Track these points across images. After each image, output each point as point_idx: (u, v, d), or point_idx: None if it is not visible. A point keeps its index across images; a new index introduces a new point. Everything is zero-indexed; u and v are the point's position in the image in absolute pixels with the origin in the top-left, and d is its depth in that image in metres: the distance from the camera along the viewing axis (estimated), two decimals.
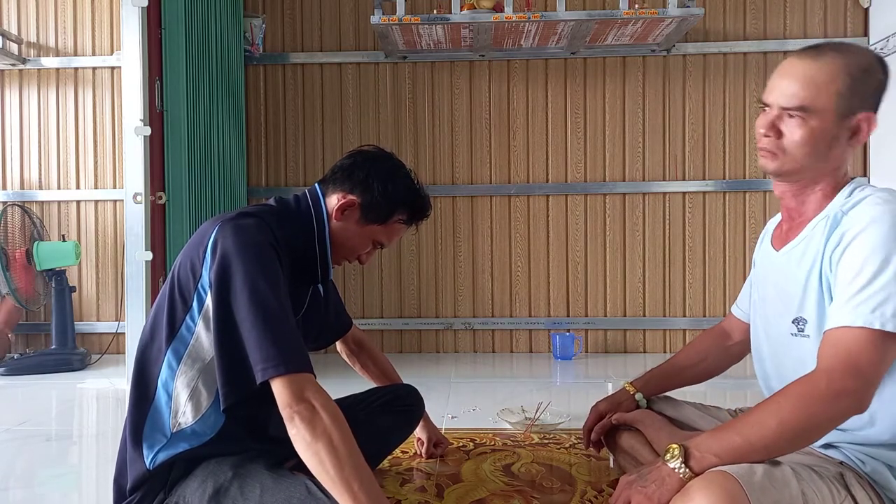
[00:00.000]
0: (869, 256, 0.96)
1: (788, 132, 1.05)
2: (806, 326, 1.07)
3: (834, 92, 1.02)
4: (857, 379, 0.92)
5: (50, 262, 2.96)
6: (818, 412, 0.92)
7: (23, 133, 3.33)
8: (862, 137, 1.06)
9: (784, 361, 1.13)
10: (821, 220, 1.07)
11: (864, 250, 0.97)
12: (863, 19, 3.10)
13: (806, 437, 0.95)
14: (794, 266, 1.09)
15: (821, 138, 1.04)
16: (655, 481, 0.97)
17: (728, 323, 1.45)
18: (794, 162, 1.06)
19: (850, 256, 0.98)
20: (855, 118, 1.04)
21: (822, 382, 0.93)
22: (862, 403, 0.93)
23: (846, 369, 0.93)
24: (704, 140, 3.16)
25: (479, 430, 1.96)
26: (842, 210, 1.03)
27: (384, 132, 3.25)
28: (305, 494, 1.01)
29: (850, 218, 1.01)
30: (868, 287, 0.95)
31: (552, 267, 3.22)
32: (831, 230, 1.03)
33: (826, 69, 1.03)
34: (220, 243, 1.08)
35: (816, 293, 1.04)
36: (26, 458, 1.83)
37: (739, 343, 1.42)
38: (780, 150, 1.07)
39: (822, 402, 0.92)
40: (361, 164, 1.29)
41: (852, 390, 0.92)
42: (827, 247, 1.03)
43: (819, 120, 1.03)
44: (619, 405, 1.42)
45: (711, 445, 0.96)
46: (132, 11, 2.46)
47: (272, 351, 1.00)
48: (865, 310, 0.94)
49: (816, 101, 1.02)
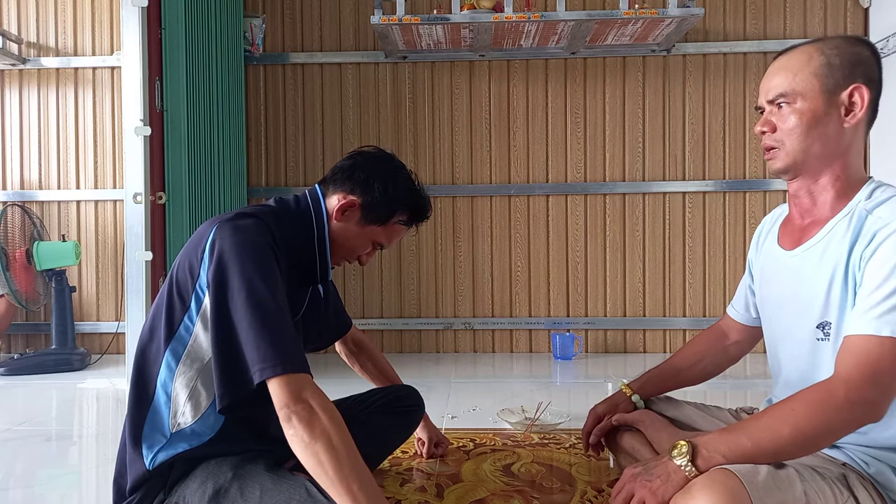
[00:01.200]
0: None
1: (780, 122, 1.08)
2: (831, 331, 1.04)
3: (811, 73, 1.05)
4: (875, 389, 0.91)
5: (50, 262, 2.96)
6: (834, 420, 0.91)
7: (23, 133, 3.33)
8: (858, 112, 1.04)
9: (809, 367, 1.10)
10: (842, 218, 1.04)
11: (893, 256, 0.94)
12: (863, 19, 3.10)
13: (817, 443, 0.94)
14: (814, 267, 1.07)
15: (811, 119, 1.05)
16: (660, 476, 0.96)
17: (724, 323, 1.45)
18: (793, 149, 1.07)
19: (878, 259, 0.96)
20: (844, 92, 1.04)
21: (841, 391, 0.92)
22: (878, 413, 0.92)
23: (866, 378, 0.91)
24: (704, 140, 3.16)
25: (479, 430, 1.96)
26: (865, 209, 1.01)
27: (384, 132, 3.25)
28: (305, 496, 1.01)
29: (878, 217, 0.99)
30: (894, 296, 0.93)
31: (552, 267, 3.22)
32: (857, 229, 1.01)
33: (798, 56, 1.07)
34: (217, 243, 1.08)
35: (840, 295, 1.02)
36: (26, 458, 1.83)
37: (736, 343, 1.42)
38: (777, 141, 1.09)
39: (838, 410, 0.91)
40: (362, 164, 1.29)
41: (870, 400, 0.91)
42: (856, 246, 1.00)
43: (805, 101, 1.05)
44: (616, 407, 1.42)
45: (719, 446, 0.95)
46: (132, 11, 2.46)
47: (269, 351, 1.00)
48: (892, 319, 0.92)
49: (795, 84, 1.05)
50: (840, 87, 1.04)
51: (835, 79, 1.04)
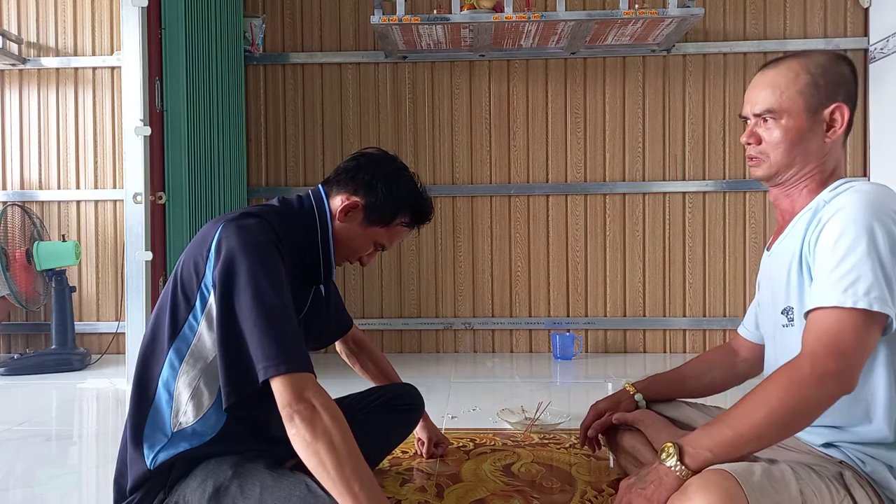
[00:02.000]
0: (840, 237, 0.97)
1: (766, 135, 1.13)
2: (794, 315, 1.08)
3: (797, 91, 1.09)
4: (840, 360, 0.93)
5: (50, 262, 2.96)
6: (805, 396, 0.93)
7: (23, 133, 3.33)
8: (838, 128, 1.09)
9: (781, 354, 1.13)
10: (805, 213, 1.09)
11: (836, 231, 0.98)
12: (863, 19, 3.10)
13: (796, 422, 0.95)
14: (780, 260, 1.12)
15: (795, 135, 1.10)
16: (654, 482, 0.97)
17: (735, 342, 1.45)
18: (776, 162, 1.12)
19: (824, 238, 1.00)
20: (826, 110, 1.09)
21: (807, 366, 0.93)
22: (848, 384, 0.93)
23: (828, 351, 0.93)
24: (704, 140, 3.16)
25: (479, 430, 1.96)
26: (824, 200, 1.06)
27: (384, 132, 3.25)
28: (305, 492, 1.01)
29: (830, 205, 1.03)
30: (839, 266, 0.96)
31: (552, 267, 3.22)
32: (812, 218, 1.05)
33: (785, 73, 1.11)
34: (223, 243, 1.08)
35: (798, 280, 1.06)
36: (26, 458, 1.83)
37: (746, 361, 1.42)
38: (762, 154, 1.14)
39: (807, 386, 0.92)
40: (366, 166, 1.29)
41: (836, 371, 0.92)
42: (807, 233, 1.05)
43: (790, 118, 1.10)
44: (618, 405, 1.42)
45: (704, 441, 0.96)
46: (132, 11, 2.46)
47: (273, 350, 1.00)
48: (839, 289, 0.95)
49: (782, 102, 1.10)
50: (823, 106, 1.09)
51: (819, 98, 1.09)
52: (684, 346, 3.16)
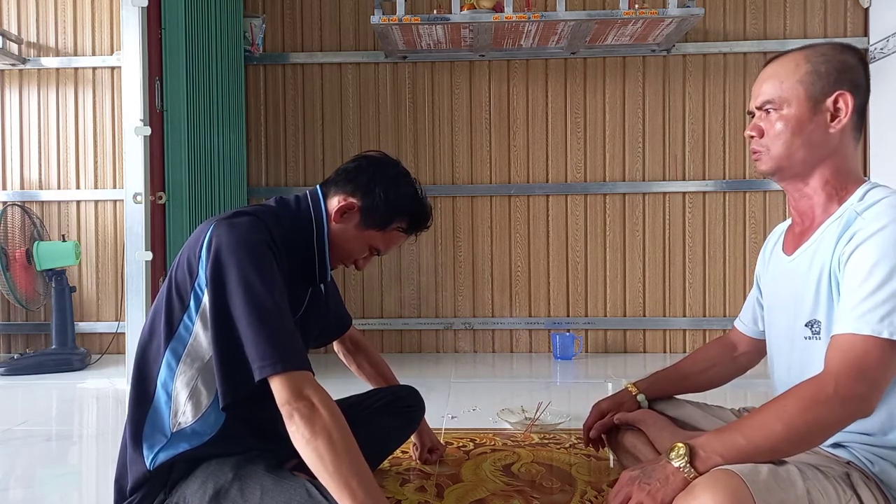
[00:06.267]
0: (879, 262, 0.95)
1: (768, 127, 1.11)
2: (821, 329, 1.06)
3: (797, 80, 1.08)
4: (864, 383, 0.92)
5: (50, 262, 2.96)
6: (824, 415, 0.92)
7: (23, 133, 3.33)
8: (843, 117, 1.07)
9: (799, 365, 1.12)
10: (833, 221, 1.06)
11: (874, 255, 0.96)
12: (863, 19, 3.10)
13: (811, 439, 0.95)
14: (806, 268, 1.09)
15: (796, 125, 1.08)
16: (659, 479, 0.96)
17: (733, 335, 1.45)
18: (777, 154, 1.11)
19: (859, 258, 0.98)
20: (829, 99, 1.07)
21: (830, 386, 0.93)
22: (868, 409, 0.93)
23: (854, 374, 0.93)
24: (704, 140, 3.16)
25: (479, 430, 1.96)
26: (856, 211, 1.03)
27: (384, 132, 3.25)
28: (306, 497, 1.01)
29: (864, 219, 1.01)
30: (876, 294, 0.94)
31: (552, 267, 3.22)
32: (843, 230, 1.03)
33: (786, 64, 1.11)
34: (214, 241, 1.08)
35: (827, 294, 1.04)
36: (26, 458, 1.83)
37: (745, 354, 1.42)
38: (763, 146, 1.12)
39: (829, 405, 0.92)
40: (366, 168, 1.29)
41: (860, 395, 0.92)
42: (837, 246, 1.02)
43: (791, 108, 1.09)
44: (620, 405, 1.42)
45: (716, 446, 0.96)
46: (132, 11, 2.46)
47: (269, 349, 1.00)
48: (874, 318, 0.94)
49: (782, 91, 1.09)
50: (825, 94, 1.07)
51: (821, 86, 1.07)
52: (684, 346, 3.16)
